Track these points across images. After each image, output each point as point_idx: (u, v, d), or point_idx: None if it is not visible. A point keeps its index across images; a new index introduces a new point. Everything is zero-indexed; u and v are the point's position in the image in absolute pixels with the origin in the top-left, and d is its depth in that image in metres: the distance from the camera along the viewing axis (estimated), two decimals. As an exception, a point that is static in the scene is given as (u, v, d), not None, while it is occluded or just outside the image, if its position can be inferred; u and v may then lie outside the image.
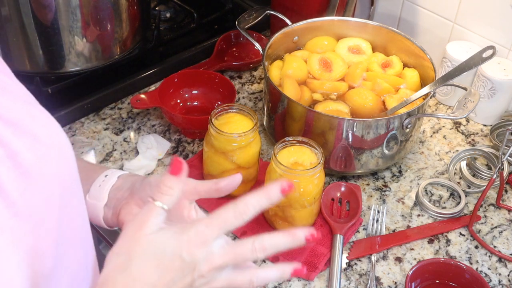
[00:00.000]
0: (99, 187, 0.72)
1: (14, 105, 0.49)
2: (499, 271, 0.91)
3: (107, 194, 0.71)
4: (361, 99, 1.02)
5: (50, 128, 0.52)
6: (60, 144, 0.52)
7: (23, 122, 0.48)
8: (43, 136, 0.50)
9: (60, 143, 0.52)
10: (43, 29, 1.01)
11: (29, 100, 0.52)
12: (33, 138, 0.48)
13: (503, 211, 1.00)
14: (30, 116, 0.50)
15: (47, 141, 0.50)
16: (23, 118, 0.49)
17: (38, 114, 0.52)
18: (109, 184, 0.72)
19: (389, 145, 0.99)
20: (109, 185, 0.72)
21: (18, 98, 0.51)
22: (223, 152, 0.91)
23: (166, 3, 1.37)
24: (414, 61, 1.10)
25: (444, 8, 1.21)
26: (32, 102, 0.53)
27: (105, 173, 0.73)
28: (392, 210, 0.99)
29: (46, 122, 0.52)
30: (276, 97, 1.01)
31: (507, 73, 1.11)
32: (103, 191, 0.71)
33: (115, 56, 1.13)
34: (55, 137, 0.52)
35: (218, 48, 1.26)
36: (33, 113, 0.51)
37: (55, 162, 0.50)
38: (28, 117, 0.50)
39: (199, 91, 1.14)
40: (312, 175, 0.85)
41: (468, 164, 1.07)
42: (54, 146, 0.51)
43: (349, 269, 0.89)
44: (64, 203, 0.51)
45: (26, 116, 0.49)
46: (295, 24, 1.11)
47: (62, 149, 0.52)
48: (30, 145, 0.48)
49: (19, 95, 0.51)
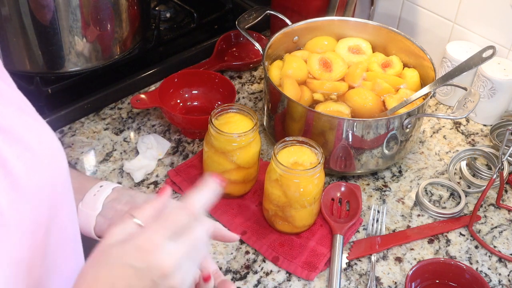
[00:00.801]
0: (94, 196, 0.71)
1: (6, 111, 0.48)
2: (499, 271, 0.91)
3: (101, 204, 0.71)
4: (361, 99, 1.02)
5: (43, 136, 0.52)
6: (52, 153, 0.52)
7: (15, 129, 0.48)
8: (34, 145, 0.49)
9: (53, 152, 0.52)
10: (43, 29, 1.01)
11: (24, 107, 0.52)
12: (24, 146, 0.48)
13: (503, 211, 1.00)
14: (22, 124, 0.49)
15: (39, 149, 0.49)
16: (15, 126, 0.48)
17: (32, 122, 0.51)
18: (104, 195, 0.72)
19: (389, 145, 0.99)
20: (104, 196, 0.72)
21: (12, 104, 0.50)
22: (223, 152, 0.91)
23: (166, 3, 1.37)
24: (414, 61, 1.10)
25: (444, 8, 1.21)
26: (27, 109, 0.52)
27: (99, 183, 0.73)
28: (392, 210, 0.99)
29: (39, 130, 0.51)
30: (276, 97, 1.01)
31: (507, 73, 1.11)
32: (97, 200, 0.71)
33: (115, 56, 1.13)
34: (48, 146, 0.51)
35: (218, 48, 1.26)
36: (26, 120, 0.50)
37: (46, 171, 0.50)
38: (21, 124, 0.49)
39: (199, 91, 1.14)
40: (312, 175, 0.85)
41: (468, 164, 1.07)
42: (45, 155, 0.50)
43: (349, 269, 0.89)
44: (54, 213, 0.51)
45: (18, 124, 0.49)
46: (295, 24, 1.11)
47: (54, 158, 0.52)
48: (20, 154, 0.47)
49: (13, 101, 0.51)
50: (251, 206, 0.97)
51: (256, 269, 0.88)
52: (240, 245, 0.91)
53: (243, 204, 0.97)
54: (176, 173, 1.00)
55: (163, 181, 1.00)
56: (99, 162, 1.03)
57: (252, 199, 0.98)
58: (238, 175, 0.93)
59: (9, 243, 0.44)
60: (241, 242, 0.92)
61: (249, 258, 0.90)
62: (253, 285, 0.86)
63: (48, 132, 0.53)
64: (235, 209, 0.96)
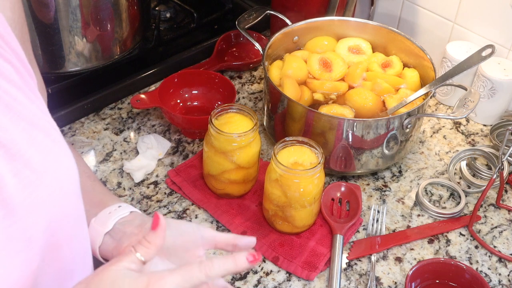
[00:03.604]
0: (109, 214, 0.69)
1: (11, 126, 0.47)
2: (499, 271, 0.91)
3: (113, 223, 0.68)
4: (361, 99, 1.02)
5: (52, 154, 0.50)
6: (57, 172, 0.50)
7: (17, 145, 0.47)
8: (36, 162, 0.48)
9: (58, 171, 0.50)
10: (43, 29, 1.01)
11: (37, 122, 0.50)
12: (24, 163, 0.46)
13: (503, 211, 1.00)
14: (27, 139, 0.48)
15: (41, 167, 0.48)
16: (18, 141, 0.47)
17: (42, 138, 0.50)
18: (119, 214, 0.69)
19: (389, 145, 0.99)
20: (119, 216, 0.69)
21: (21, 118, 0.48)
22: (223, 152, 0.91)
23: (166, 3, 1.37)
24: (414, 61, 1.10)
25: (444, 8, 1.21)
26: (42, 126, 0.50)
27: (119, 203, 0.71)
28: (392, 210, 0.99)
29: (48, 147, 0.50)
30: (276, 97, 1.01)
31: (507, 73, 1.11)
32: (110, 219, 0.68)
33: (115, 56, 1.13)
34: (54, 165, 0.50)
35: (218, 48, 1.26)
36: (35, 137, 0.49)
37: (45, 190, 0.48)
38: (26, 140, 0.48)
39: (199, 91, 1.14)
40: (312, 175, 0.85)
41: (468, 164, 1.07)
42: (47, 173, 0.49)
43: (349, 269, 0.89)
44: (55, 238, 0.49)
45: (22, 139, 0.47)
46: (295, 24, 1.11)
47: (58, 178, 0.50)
48: (19, 170, 0.46)
49: (25, 115, 0.49)
50: (251, 206, 0.97)
51: (256, 269, 0.88)
52: (240, 245, 0.91)
53: (243, 204, 0.97)
54: (176, 173, 1.01)
55: (163, 181, 1.00)
56: (99, 162, 1.03)
57: (252, 199, 0.98)
58: (238, 175, 0.93)
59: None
60: (241, 242, 0.92)
61: (249, 258, 0.89)
62: (253, 285, 0.86)
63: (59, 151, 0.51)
64: (235, 209, 0.96)
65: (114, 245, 0.67)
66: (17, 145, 0.47)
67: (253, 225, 0.93)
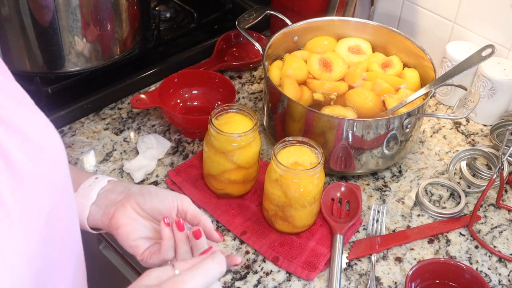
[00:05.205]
0: (89, 187, 0.73)
1: (6, 104, 0.49)
2: (499, 271, 0.91)
3: (96, 193, 0.72)
4: (361, 99, 1.02)
5: (43, 129, 0.52)
6: (52, 145, 0.52)
7: (15, 121, 0.48)
8: (34, 137, 0.50)
9: (53, 145, 0.52)
10: (43, 29, 1.01)
11: (22, 100, 0.52)
12: (24, 138, 0.48)
13: (503, 211, 1.00)
14: (22, 116, 0.50)
15: (38, 141, 0.50)
16: (15, 118, 0.49)
17: (31, 115, 0.52)
18: (99, 185, 0.73)
19: (389, 145, 0.99)
20: (99, 186, 0.73)
21: (12, 97, 0.51)
22: (223, 152, 0.91)
23: (166, 3, 1.37)
24: (414, 61, 1.10)
25: (444, 8, 1.21)
26: (27, 103, 0.53)
27: (95, 176, 0.75)
28: (392, 210, 0.99)
29: (39, 123, 0.52)
30: (276, 97, 1.01)
31: (507, 73, 1.11)
32: (92, 190, 0.72)
33: (115, 56, 1.13)
34: (48, 139, 0.52)
35: (218, 48, 1.26)
36: (26, 113, 0.51)
37: (46, 163, 0.50)
38: (21, 117, 0.50)
39: (199, 91, 1.14)
40: (312, 175, 0.85)
41: (468, 164, 1.07)
42: (45, 147, 0.51)
43: (349, 269, 0.89)
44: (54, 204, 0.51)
45: (18, 116, 0.49)
46: (295, 24, 1.11)
47: (54, 151, 0.52)
48: (21, 145, 0.47)
49: (14, 95, 0.51)
50: (251, 206, 0.97)
51: (256, 269, 0.88)
52: (240, 245, 0.91)
53: (243, 204, 0.97)
54: (176, 173, 1.00)
55: (163, 181, 1.00)
56: (99, 162, 1.03)
57: (252, 199, 0.98)
58: (238, 175, 0.93)
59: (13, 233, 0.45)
60: (241, 242, 0.92)
61: (249, 258, 0.90)
62: (253, 285, 0.86)
63: (48, 126, 0.53)
64: (235, 209, 0.96)
65: (101, 213, 0.72)
66: (15, 121, 0.48)
67: (253, 225, 0.93)
